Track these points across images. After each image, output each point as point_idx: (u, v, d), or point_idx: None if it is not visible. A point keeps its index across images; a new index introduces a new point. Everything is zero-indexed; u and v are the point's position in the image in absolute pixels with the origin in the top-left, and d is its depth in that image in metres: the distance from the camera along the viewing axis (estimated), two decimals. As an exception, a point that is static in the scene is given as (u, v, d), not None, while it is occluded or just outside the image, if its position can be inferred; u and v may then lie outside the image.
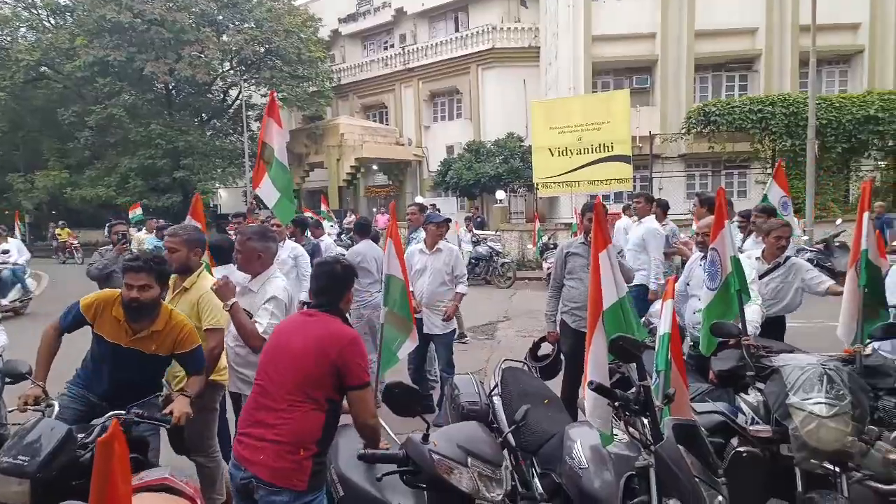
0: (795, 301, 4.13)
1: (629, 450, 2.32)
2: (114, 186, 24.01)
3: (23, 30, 26.33)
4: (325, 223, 12.86)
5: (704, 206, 5.47)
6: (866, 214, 3.28)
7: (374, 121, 29.19)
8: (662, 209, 6.97)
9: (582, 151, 14.27)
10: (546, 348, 4.35)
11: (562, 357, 4.28)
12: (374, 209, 25.11)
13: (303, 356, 2.17)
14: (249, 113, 25.93)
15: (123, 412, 2.60)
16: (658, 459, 2.04)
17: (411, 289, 4.58)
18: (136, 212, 17.29)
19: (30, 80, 24.76)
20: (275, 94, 5.32)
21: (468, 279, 7.38)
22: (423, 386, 5.10)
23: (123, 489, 1.13)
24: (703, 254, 4.02)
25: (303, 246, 6.18)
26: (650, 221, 6.22)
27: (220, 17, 25.51)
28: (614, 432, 2.43)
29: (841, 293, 3.58)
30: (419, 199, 19.29)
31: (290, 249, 5.70)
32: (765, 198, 6.79)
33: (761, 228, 4.56)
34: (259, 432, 2.16)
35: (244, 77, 26.38)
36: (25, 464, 2.21)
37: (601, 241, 2.64)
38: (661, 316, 2.72)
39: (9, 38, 25.60)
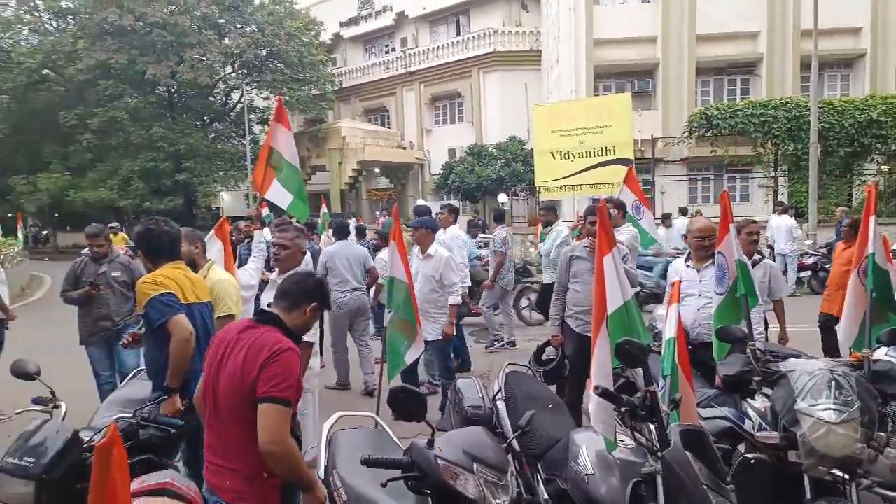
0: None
1: (635, 456, 2.30)
2: (116, 189, 23.96)
3: (25, 33, 26.42)
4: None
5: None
6: (872, 218, 3.26)
7: (376, 124, 29.23)
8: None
9: (584, 155, 14.28)
10: (550, 352, 4.33)
11: (566, 361, 4.26)
12: (377, 212, 25.11)
13: (235, 376, 1.96)
14: (251, 116, 25.97)
15: (130, 414, 2.59)
16: (665, 466, 2.02)
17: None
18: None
19: (32, 83, 24.80)
20: (282, 99, 5.32)
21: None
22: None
23: (122, 494, 1.12)
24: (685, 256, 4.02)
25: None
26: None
27: (222, 21, 25.57)
28: (619, 438, 2.41)
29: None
30: (421, 202, 19.28)
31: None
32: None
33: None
34: (216, 459, 2.03)
35: (246, 80, 26.44)
36: (30, 465, 2.21)
37: (605, 245, 2.63)
38: (667, 320, 2.70)
39: (11, 42, 25.69)
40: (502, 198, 21.10)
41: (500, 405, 3.21)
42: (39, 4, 26.31)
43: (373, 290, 6.49)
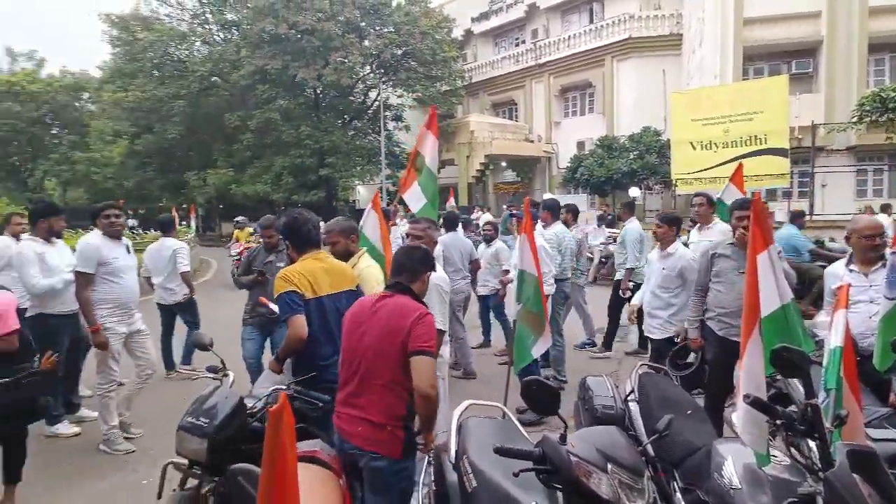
0: None
1: (790, 474, 2.10)
2: (270, 183, 26.41)
3: (197, 44, 29.96)
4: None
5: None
6: None
7: (504, 118, 29.25)
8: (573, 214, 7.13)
9: (729, 144, 13.23)
10: (688, 356, 4.08)
11: (705, 366, 3.99)
12: (504, 206, 25.18)
13: (379, 340, 2.33)
14: (386, 113, 27.24)
15: (285, 387, 2.84)
16: (828, 487, 1.82)
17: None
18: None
19: (203, 89, 28.08)
20: (435, 108, 5.66)
21: (595, 278, 7.27)
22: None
23: (290, 456, 1.24)
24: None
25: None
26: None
27: (363, 24, 27.03)
28: (772, 453, 2.22)
29: None
30: (547, 196, 18.99)
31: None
32: (720, 203, 5.56)
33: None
34: (352, 411, 2.40)
35: (382, 79, 27.73)
36: (205, 425, 2.52)
37: (760, 242, 2.41)
38: (832, 327, 2.43)
39: (186, 52, 29.26)
40: (634, 191, 20.11)
41: (633, 407, 3.09)
42: (209, 18, 29.70)
43: (494, 280, 6.64)
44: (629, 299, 6.31)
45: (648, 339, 4.89)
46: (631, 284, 6.55)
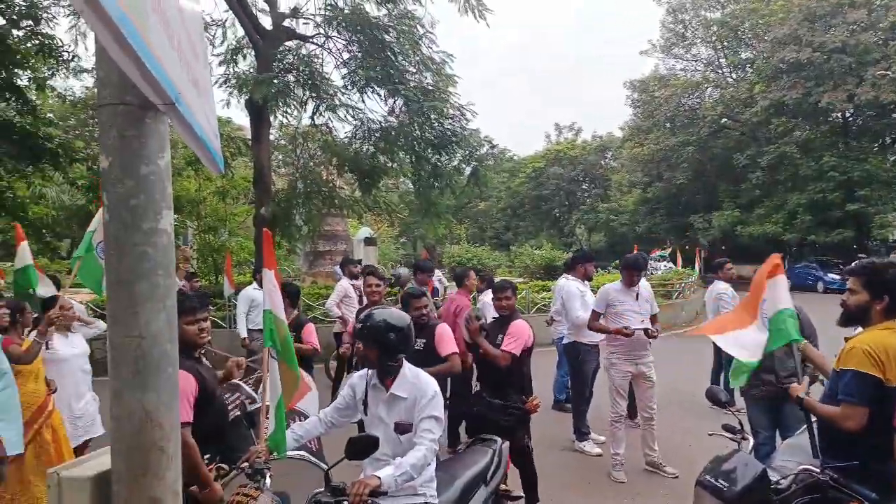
0: None
1: None
2: (781, 223, 24.32)
3: (709, 90, 30.52)
4: None
5: None
6: None
7: None
8: None
9: None
10: None
11: None
12: None
13: None
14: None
15: (817, 469, 2.47)
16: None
17: None
18: None
19: (712, 133, 28.37)
20: None
21: None
22: None
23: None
24: None
25: None
26: None
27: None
28: None
29: None
30: None
31: None
32: None
33: None
34: None
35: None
36: (724, 489, 2.47)
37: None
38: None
39: (697, 100, 30.18)
40: None
41: None
42: (723, 62, 29.93)
43: None
44: None
45: None
46: None
